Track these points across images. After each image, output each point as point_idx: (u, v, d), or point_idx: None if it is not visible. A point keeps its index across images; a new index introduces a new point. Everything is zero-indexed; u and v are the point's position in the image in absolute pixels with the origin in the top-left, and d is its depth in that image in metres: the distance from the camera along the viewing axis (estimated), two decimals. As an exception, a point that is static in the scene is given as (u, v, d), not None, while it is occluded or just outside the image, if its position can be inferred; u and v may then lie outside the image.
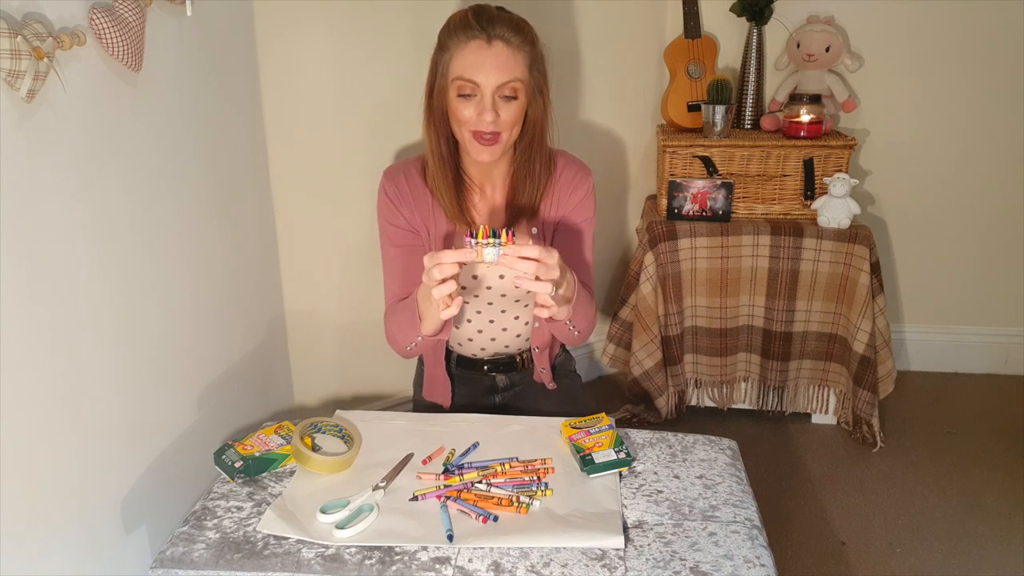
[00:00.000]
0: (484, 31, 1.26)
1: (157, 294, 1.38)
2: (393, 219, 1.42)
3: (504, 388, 1.60)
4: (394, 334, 1.41)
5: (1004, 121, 2.45)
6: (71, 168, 1.13)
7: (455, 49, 1.28)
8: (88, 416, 1.19)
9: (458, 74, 1.28)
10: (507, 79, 1.27)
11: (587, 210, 1.46)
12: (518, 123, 1.33)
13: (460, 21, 1.29)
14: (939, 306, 2.67)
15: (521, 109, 1.32)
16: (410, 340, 1.36)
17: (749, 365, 2.31)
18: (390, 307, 1.45)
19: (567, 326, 1.35)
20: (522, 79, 1.29)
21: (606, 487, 1.16)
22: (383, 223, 1.44)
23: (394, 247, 1.44)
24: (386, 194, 1.42)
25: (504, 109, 1.29)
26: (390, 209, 1.42)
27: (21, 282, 1.04)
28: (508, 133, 1.32)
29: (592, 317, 1.42)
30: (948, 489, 2.09)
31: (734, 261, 2.20)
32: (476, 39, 1.26)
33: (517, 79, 1.28)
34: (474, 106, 1.29)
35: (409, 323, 1.33)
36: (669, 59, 2.40)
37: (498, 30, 1.27)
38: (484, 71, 1.27)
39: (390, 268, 1.46)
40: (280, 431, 1.27)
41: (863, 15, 2.39)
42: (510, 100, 1.29)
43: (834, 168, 2.21)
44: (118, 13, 1.15)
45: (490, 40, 1.26)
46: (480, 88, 1.28)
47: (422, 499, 1.13)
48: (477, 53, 1.26)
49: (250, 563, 1.02)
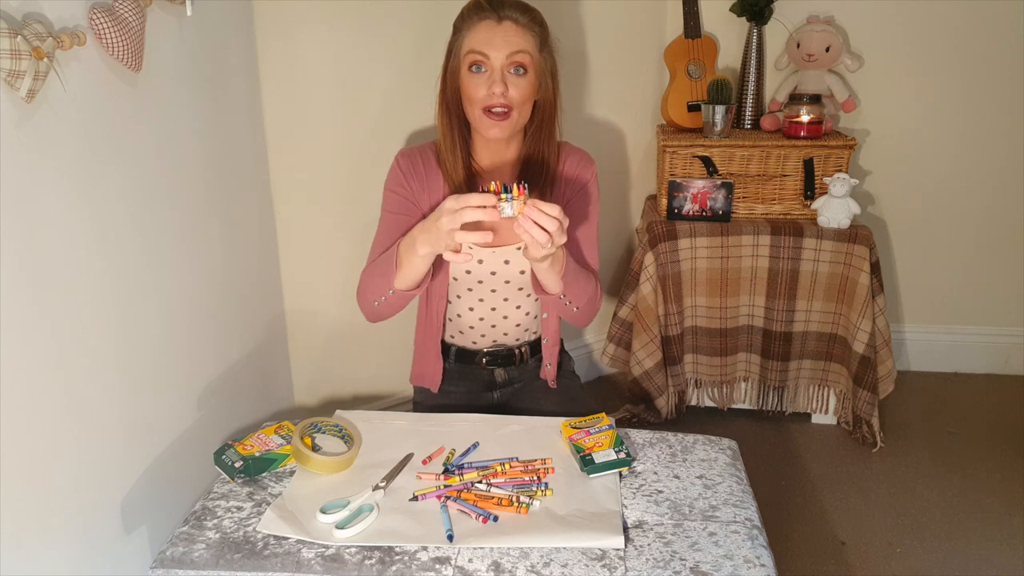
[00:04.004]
0: (495, 11, 1.34)
1: (157, 294, 1.38)
2: (398, 188, 1.45)
3: (502, 384, 1.60)
4: (365, 288, 1.41)
5: (1004, 121, 2.45)
6: (71, 168, 1.13)
7: (467, 29, 1.36)
8: (88, 416, 1.19)
9: (469, 48, 1.35)
10: (516, 49, 1.33)
11: (592, 195, 1.51)
12: (528, 102, 1.38)
13: (473, 5, 1.37)
14: (939, 306, 2.67)
15: (531, 86, 1.36)
16: (380, 293, 1.36)
17: (749, 365, 2.31)
18: (368, 264, 1.46)
19: (562, 300, 1.38)
20: (531, 53, 1.35)
21: (606, 487, 1.16)
22: (387, 192, 1.47)
23: (391, 213, 1.46)
24: (399, 167, 1.46)
25: (514, 83, 1.34)
26: (399, 180, 1.45)
27: (21, 282, 1.04)
28: (518, 111, 1.36)
29: (592, 295, 1.44)
30: (948, 489, 2.09)
31: (734, 261, 2.20)
32: (487, 19, 1.34)
33: (525, 51, 1.34)
34: (485, 80, 1.34)
35: (383, 273, 1.34)
36: (669, 59, 2.40)
37: (508, 11, 1.35)
38: (494, 44, 1.33)
39: (380, 231, 1.47)
40: (280, 431, 1.27)
41: (863, 15, 2.39)
42: (520, 75, 1.34)
43: (834, 168, 2.21)
44: (118, 13, 1.15)
45: (500, 19, 1.34)
46: (490, 60, 1.33)
47: (422, 499, 1.13)
48: (488, 29, 1.34)
49: (250, 563, 1.02)
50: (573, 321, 1.46)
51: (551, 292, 1.34)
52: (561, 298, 1.37)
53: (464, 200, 1.14)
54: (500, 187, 1.13)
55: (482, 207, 1.13)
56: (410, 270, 1.30)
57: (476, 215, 1.13)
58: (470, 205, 1.13)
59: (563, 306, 1.40)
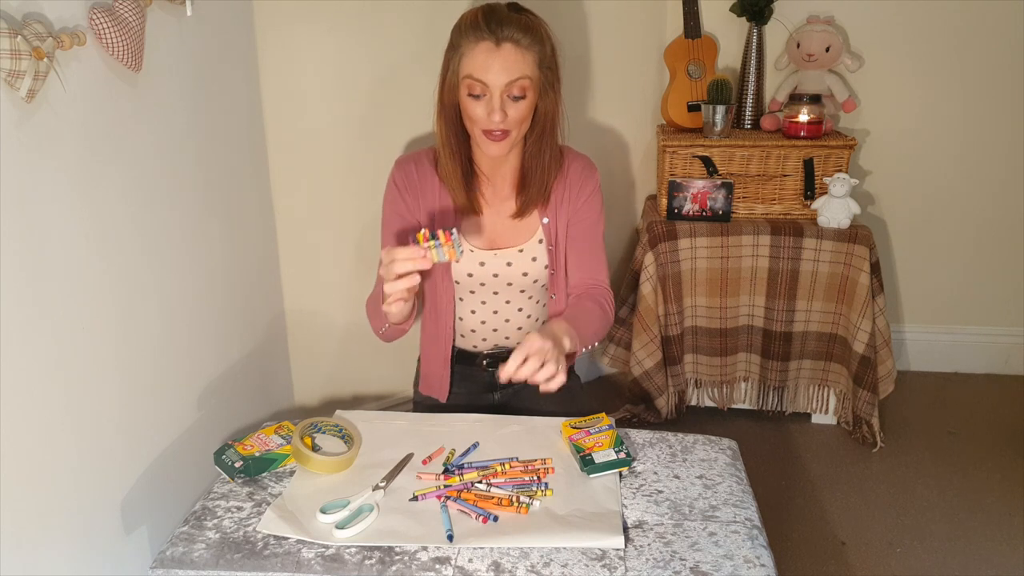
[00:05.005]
0: (493, 34, 1.29)
1: (157, 294, 1.38)
2: (396, 207, 1.46)
3: (503, 385, 1.60)
4: (370, 316, 1.46)
5: (1004, 121, 2.45)
6: (71, 168, 1.13)
7: (465, 48, 1.32)
8: (88, 416, 1.19)
9: (468, 73, 1.31)
10: (515, 77, 1.30)
11: (596, 204, 1.51)
12: (527, 120, 1.37)
13: (471, 22, 1.32)
14: (939, 306, 2.67)
15: (530, 107, 1.35)
16: (380, 325, 1.42)
17: (749, 365, 2.31)
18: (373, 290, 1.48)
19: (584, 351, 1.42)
20: (531, 76, 1.32)
21: (606, 487, 1.16)
22: (386, 210, 1.48)
23: (391, 234, 1.47)
24: (394, 183, 1.46)
25: (512, 108, 1.33)
26: (395, 197, 1.46)
27: (21, 282, 1.04)
28: (517, 130, 1.36)
29: (598, 328, 1.46)
30: (948, 489, 2.09)
31: (734, 261, 2.20)
32: (485, 40, 1.29)
33: (525, 76, 1.31)
34: (483, 105, 1.32)
35: (375, 313, 1.40)
36: (669, 59, 2.40)
37: (507, 32, 1.29)
38: (493, 71, 1.30)
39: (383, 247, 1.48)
40: (280, 431, 1.27)
41: (863, 15, 2.39)
42: (518, 99, 1.32)
43: (834, 168, 2.21)
44: (118, 13, 1.15)
45: (499, 43, 1.29)
46: (489, 88, 1.31)
47: (422, 499, 1.13)
48: (486, 54, 1.29)
49: (250, 563, 1.02)
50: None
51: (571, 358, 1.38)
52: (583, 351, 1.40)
53: (392, 254, 1.18)
54: (428, 235, 1.18)
55: (411, 259, 1.18)
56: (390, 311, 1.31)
57: (406, 266, 1.18)
58: (397, 259, 1.18)
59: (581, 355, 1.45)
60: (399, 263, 1.18)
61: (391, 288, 1.21)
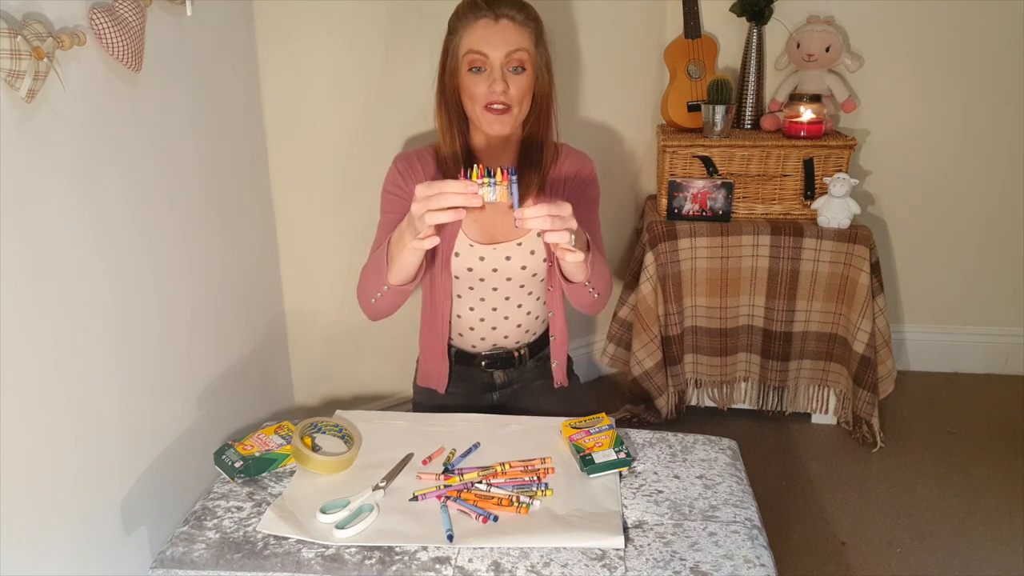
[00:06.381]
0: (491, 10, 1.35)
1: (157, 294, 1.38)
2: (396, 189, 1.46)
3: (501, 385, 1.60)
4: (363, 285, 1.42)
5: (1004, 121, 2.45)
6: (71, 168, 1.13)
7: (464, 29, 1.36)
8: (88, 416, 1.19)
9: (468, 48, 1.35)
10: (514, 48, 1.35)
11: (593, 189, 1.53)
12: (527, 97, 1.40)
13: (469, 4, 1.38)
14: (939, 306, 2.67)
15: (529, 83, 1.38)
16: (376, 289, 1.36)
17: (749, 365, 2.31)
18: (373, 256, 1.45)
19: (587, 288, 1.35)
20: (529, 50, 1.36)
21: (606, 487, 1.16)
22: (384, 194, 1.48)
23: (389, 214, 1.46)
24: (397, 169, 1.48)
25: (513, 81, 1.36)
26: (396, 181, 1.47)
27: (21, 282, 1.04)
28: (518, 107, 1.38)
29: (608, 278, 1.43)
30: (948, 489, 2.09)
31: (734, 261, 2.20)
32: (484, 17, 1.35)
33: (524, 48, 1.36)
34: (485, 79, 1.36)
35: (377, 270, 1.34)
36: (669, 59, 2.40)
37: (503, 9, 1.35)
38: (493, 44, 1.34)
39: (379, 232, 1.48)
40: (280, 431, 1.27)
41: (863, 15, 2.39)
42: (518, 72, 1.36)
43: (834, 168, 2.21)
44: (118, 13, 1.15)
45: (497, 18, 1.35)
46: (490, 60, 1.35)
47: (422, 499, 1.13)
48: (485, 29, 1.35)
49: (250, 563, 1.02)
50: (590, 309, 1.43)
51: (576, 280, 1.32)
52: (586, 284, 1.34)
53: (437, 187, 1.10)
54: (484, 171, 1.09)
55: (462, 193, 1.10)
56: (401, 264, 1.29)
57: (455, 200, 1.09)
58: (447, 191, 1.09)
59: (586, 293, 1.37)
60: (448, 196, 1.09)
61: (432, 219, 1.11)
